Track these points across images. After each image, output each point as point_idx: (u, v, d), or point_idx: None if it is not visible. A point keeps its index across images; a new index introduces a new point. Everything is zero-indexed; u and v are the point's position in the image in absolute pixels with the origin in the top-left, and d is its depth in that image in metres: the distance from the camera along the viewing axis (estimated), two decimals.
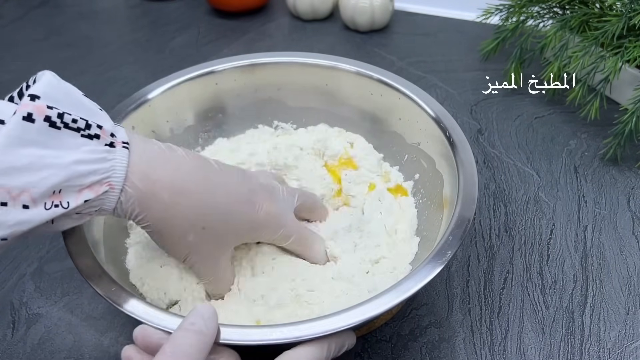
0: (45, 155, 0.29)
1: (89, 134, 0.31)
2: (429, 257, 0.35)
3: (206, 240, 0.37)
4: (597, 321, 0.43)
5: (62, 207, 0.30)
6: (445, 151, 0.43)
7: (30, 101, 0.29)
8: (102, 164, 0.31)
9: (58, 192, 0.30)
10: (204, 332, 0.29)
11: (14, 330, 0.44)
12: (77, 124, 0.30)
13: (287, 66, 0.52)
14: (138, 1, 0.92)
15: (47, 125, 0.29)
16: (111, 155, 0.32)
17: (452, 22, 0.84)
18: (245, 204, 0.38)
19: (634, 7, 0.57)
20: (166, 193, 0.34)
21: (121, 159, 0.32)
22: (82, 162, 0.30)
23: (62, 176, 0.30)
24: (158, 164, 0.34)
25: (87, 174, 0.31)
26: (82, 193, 0.31)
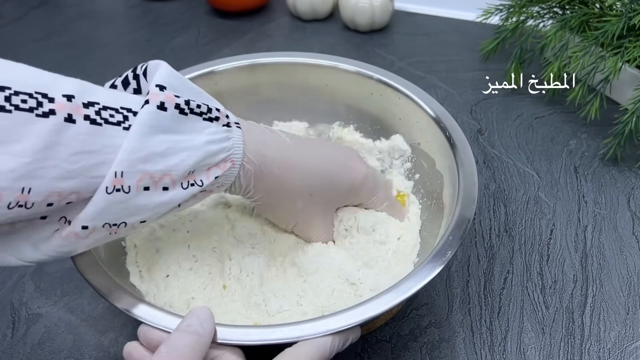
0: (179, 139, 0.31)
1: (209, 117, 0.33)
2: (429, 257, 0.35)
3: (313, 205, 0.41)
4: (597, 321, 0.43)
5: (198, 185, 0.33)
6: (445, 151, 0.43)
7: (160, 91, 0.31)
8: (226, 143, 0.34)
9: (192, 172, 0.32)
10: (200, 333, 0.30)
11: (14, 330, 0.44)
12: (200, 109, 0.33)
13: (287, 66, 0.52)
14: (138, 1, 0.92)
15: (177, 112, 0.31)
16: (231, 135, 0.34)
17: (452, 22, 0.84)
18: (343, 167, 0.42)
19: (634, 7, 0.57)
20: (276, 167, 0.37)
21: (238, 137, 0.35)
22: (211, 142, 0.33)
23: (198, 156, 0.32)
24: (266, 142, 0.37)
25: (217, 153, 0.33)
26: (211, 171, 0.33)
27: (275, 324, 0.32)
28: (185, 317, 0.31)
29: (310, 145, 0.42)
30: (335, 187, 0.42)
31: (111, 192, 0.29)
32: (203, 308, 0.31)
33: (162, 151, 0.31)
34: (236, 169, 0.35)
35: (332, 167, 0.41)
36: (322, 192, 0.41)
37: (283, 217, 0.43)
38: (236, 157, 0.35)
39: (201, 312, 0.31)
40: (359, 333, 0.34)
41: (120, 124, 0.30)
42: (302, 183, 0.39)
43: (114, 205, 0.30)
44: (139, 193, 0.30)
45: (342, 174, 0.42)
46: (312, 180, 0.40)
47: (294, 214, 0.41)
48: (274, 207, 0.41)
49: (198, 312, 0.31)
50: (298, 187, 0.39)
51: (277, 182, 0.38)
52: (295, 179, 0.39)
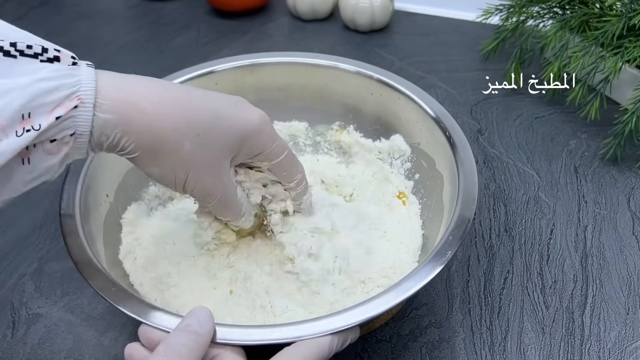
0: (3, 83, 0.27)
1: (48, 57, 0.29)
2: (429, 257, 0.35)
3: (203, 149, 0.34)
4: (597, 321, 0.43)
5: (34, 130, 0.28)
6: (445, 151, 0.43)
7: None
8: (67, 80, 0.29)
9: (28, 117, 0.28)
10: (199, 333, 0.30)
11: (14, 330, 0.44)
12: (33, 50, 0.29)
13: (287, 66, 0.52)
14: (138, 1, 0.92)
15: (1, 55, 0.28)
16: (76, 72, 0.30)
17: (452, 22, 0.84)
18: (235, 107, 0.36)
19: (634, 7, 0.57)
20: (147, 103, 0.32)
21: (88, 73, 0.30)
22: (45, 79, 0.29)
23: (25, 96, 0.28)
24: (130, 79, 0.32)
25: (52, 90, 0.29)
26: (53, 112, 0.29)
27: (275, 324, 0.32)
28: (184, 317, 0.31)
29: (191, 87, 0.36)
30: (226, 126, 0.35)
31: None
32: (202, 308, 0.31)
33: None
34: (88, 109, 0.30)
35: (220, 103, 0.35)
36: (211, 132, 0.34)
37: (169, 170, 0.34)
38: (84, 94, 0.30)
39: (200, 312, 0.31)
40: (358, 333, 0.34)
41: None
42: (185, 119, 0.33)
43: None
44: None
45: (233, 113, 0.36)
46: (197, 116, 0.34)
47: (181, 161, 0.34)
48: (156, 157, 0.33)
49: (197, 312, 0.31)
50: (180, 125, 0.33)
51: (152, 120, 0.32)
52: (175, 114, 0.33)
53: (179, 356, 0.29)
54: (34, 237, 0.52)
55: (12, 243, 0.51)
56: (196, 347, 0.29)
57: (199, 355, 0.29)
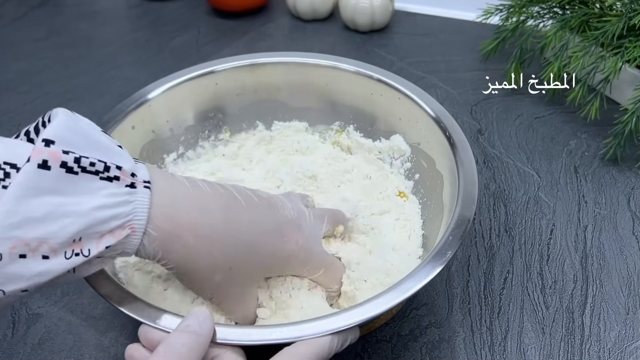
0: (63, 203, 0.28)
1: (107, 176, 0.29)
2: (429, 257, 0.35)
3: (233, 279, 0.36)
4: (597, 321, 0.43)
5: (83, 256, 0.29)
6: (445, 151, 0.43)
7: (45, 147, 0.27)
8: (124, 208, 0.30)
9: (78, 240, 0.29)
10: (199, 333, 0.30)
11: (14, 330, 0.44)
12: (95, 167, 0.29)
13: (287, 66, 0.52)
14: (138, 1, 0.92)
15: (63, 171, 0.28)
16: (132, 198, 0.30)
17: (452, 22, 0.84)
18: (272, 239, 0.36)
19: (634, 7, 0.57)
20: (191, 235, 0.33)
21: (142, 200, 0.31)
22: (103, 207, 0.29)
23: (82, 224, 0.28)
24: (181, 204, 0.32)
25: (109, 220, 0.29)
26: (103, 239, 0.30)
27: (275, 324, 0.32)
28: (184, 318, 0.31)
29: (239, 209, 0.35)
30: (260, 260, 0.36)
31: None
32: (202, 309, 0.31)
33: (41, 216, 0.27)
34: (137, 236, 0.31)
35: (260, 238, 0.35)
36: (244, 266, 0.35)
37: (198, 289, 0.36)
38: (137, 224, 0.30)
39: (200, 313, 0.31)
40: (358, 333, 0.34)
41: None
42: (222, 256, 0.34)
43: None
44: (13, 261, 0.27)
45: (270, 245, 0.36)
46: (234, 252, 0.34)
47: (209, 286, 0.35)
48: (190, 279, 0.35)
49: (197, 313, 0.31)
50: (216, 260, 0.34)
51: (191, 252, 0.33)
52: (214, 250, 0.34)
53: (179, 356, 0.29)
54: None
55: None
56: (196, 347, 0.29)
57: (199, 356, 0.29)
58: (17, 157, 0.27)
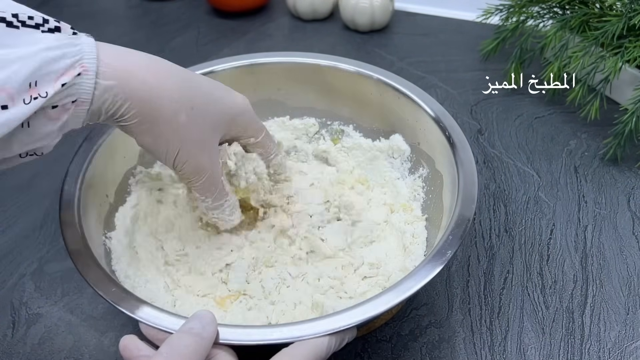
0: (9, 52, 0.28)
1: (49, 28, 0.30)
2: (429, 256, 0.35)
3: (197, 123, 0.36)
4: (597, 321, 0.43)
5: (42, 97, 0.29)
6: (444, 151, 0.43)
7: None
8: (71, 48, 0.30)
9: (35, 85, 0.29)
10: (202, 336, 0.30)
11: (14, 330, 0.44)
12: (34, 21, 0.30)
13: (287, 66, 0.52)
14: (138, 1, 0.92)
15: (4, 25, 0.28)
16: (78, 41, 0.31)
17: (452, 22, 0.84)
18: (224, 90, 0.39)
19: (634, 7, 0.57)
20: (148, 74, 0.33)
21: (89, 43, 0.31)
22: (50, 48, 0.29)
23: (32, 65, 0.29)
24: (131, 51, 0.34)
25: (57, 59, 0.30)
26: (59, 80, 0.30)
27: (276, 324, 0.32)
28: (187, 320, 0.31)
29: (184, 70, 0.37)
30: (218, 105, 0.38)
31: None
32: (206, 311, 0.32)
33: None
34: (90, 77, 0.31)
35: (212, 84, 0.38)
36: (205, 107, 0.37)
37: (163, 141, 0.36)
38: (87, 62, 0.31)
39: (204, 315, 0.31)
40: (355, 333, 0.34)
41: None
42: (183, 92, 0.35)
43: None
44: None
45: (223, 94, 0.39)
46: (193, 90, 0.36)
47: (176, 133, 0.35)
48: (152, 126, 0.35)
49: (200, 315, 0.31)
50: (178, 96, 0.35)
51: (152, 90, 0.33)
52: (173, 87, 0.34)
53: (181, 357, 0.29)
54: (34, 237, 0.52)
55: (12, 243, 0.51)
56: (198, 349, 0.29)
57: (201, 358, 0.30)
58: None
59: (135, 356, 0.30)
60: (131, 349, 0.31)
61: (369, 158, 0.52)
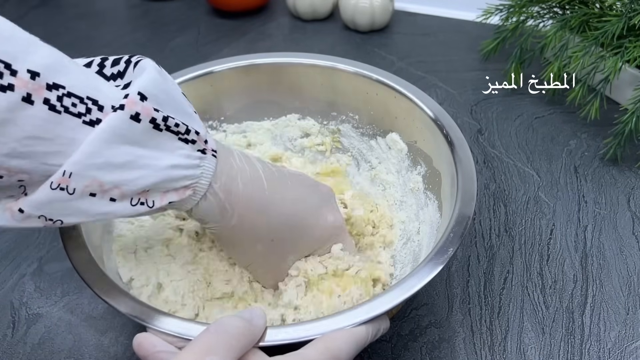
0: (143, 155, 0.29)
1: (186, 138, 0.31)
2: (429, 255, 0.34)
3: (273, 251, 0.38)
4: (597, 321, 0.43)
5: (147, 206, 0.31)
6: (442, 149, 0.43)
7: (140, 101, 0.29)
8: (194, 171, 0.32)
9: (147, 191, 0.31)
10: (252, 323, 0.30)
11: (14, 330, 0.44)
12: (178, 128, 0.31)
13: (286, 66, 0.52)
14: (138, 1, 0.92)
15: (151, 127, 0.29)
16: (202, 162, 0.32)
17: (452, 22, 0.84)
18: (313, 217, 0.39)
19: (634, 7, 0.57)
20: (242, 206, 0.35)
21: (209, 167, 0.33)
22: (177, 167, 0.31)
23: (156, 178, 0.30)
24: (238, 176, 0.35)
25: (179, 179, 0.31)
26: (168, 194, 0.32)
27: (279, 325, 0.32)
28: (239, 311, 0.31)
29: (286, 187, 0.37)
30: (301, 236, 0.39)
31: (55, 189, 0.28)
32: (258, 308, 0.31)
33: (121, 163, 0.29)
34: (196, 198, 0.33)
35: (302, 215, 0.38)
36: (285, 240, 0.38)
37: (237, 255, 0.40)
38: (199, 188, 0.33)
39: (257, 309, 0.31)
40: (388, 324, 0.34)
41: (80, 116, 0.28)
42: (267, 228, 0.37)
43: (54, 202, 0.29)
44: (83, 197, 0.29)
45: (311, 223, 0.39)
46: (278, 226, 0.37)
47: (250, 255, 0.38)
48: (233, 245, 0.38)
49: (254, 309, 0.31)
50: (261, 232, 0.37)
51: (239, 221, 0.35)
52: (260, 223, 0.36)
53: (229, 335, 0.28)
54: (34, 237, 0.52)
55: (12, 243, 0.51)
56: (246, 334, 0.29)
57: (247, 344, 0.29)
58: (100, 94, 0.28)
59: (151, 353, 0.30)
60: (146, 346, 0.30)
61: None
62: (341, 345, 0.30)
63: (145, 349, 0.30)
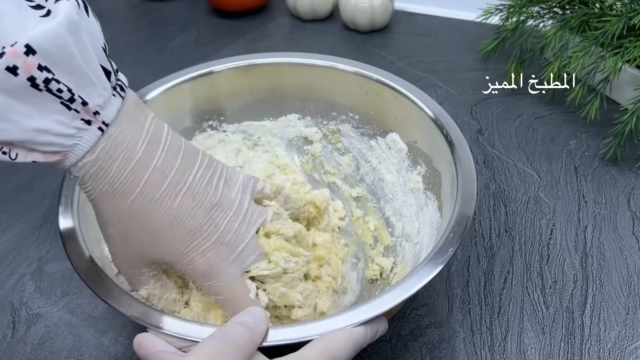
0: (13, 109, 0.28)
1: (68, 105, 0.29)
2: (429, 255, 0.34)
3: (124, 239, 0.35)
4: (597, 321, 0.43)
5: (10, 157, 0.30)
6: (442, 149, 0.43)
7: (24, 54, 0.26)
8: (65, 140, 0.30)
9: (9, 143, 0.29)
10: (254, 331, 0.30)
11: (14, 330, 0.44)
12: (61, 93, 0.28)
13: (285, 67, 0.52)
14: (138, 1, 0.92)
15: (28, 84, 0.27)
16: (80, 133, 0.30)
17: (452, 22, 0.84)
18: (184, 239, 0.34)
19: (634, 7, 0.57)
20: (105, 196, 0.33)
21: (88, 140, 0.31)
22: (46, 132, 0.29)
23: (19, 136, 0.28)
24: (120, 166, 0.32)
25: (45, 144, 0.29)
26: (32, 154, 0.30)
27: (279, 326, 0.32)
28: (240, 314, 0.31)
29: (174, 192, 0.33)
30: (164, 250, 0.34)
31: None
32: (259, 309, 0.31)
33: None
34: (65, 165, 0.31)
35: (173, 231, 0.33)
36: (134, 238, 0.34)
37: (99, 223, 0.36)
38: (70, 159, 0.31)
39: (257, 312, 0.31)
40: (387, 325, 0.34)
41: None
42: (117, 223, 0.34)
43: None
44: None
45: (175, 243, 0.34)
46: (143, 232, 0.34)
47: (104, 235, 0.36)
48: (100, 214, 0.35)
49: (254, 311, 0.31)
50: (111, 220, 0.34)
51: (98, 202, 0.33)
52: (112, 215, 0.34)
53: (235, 346, 0.28)
54: (34, 237, 0.52)
55: (12, 243, 0.51)
56: (249, 343, 0.29)
57: (251, 352, 0.29)
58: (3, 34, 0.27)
59: (151, 353, 0.30)
60: (146, 346, 0.30)
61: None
62: (340, 346, 0.30)
63: (146, 348, 0.30)
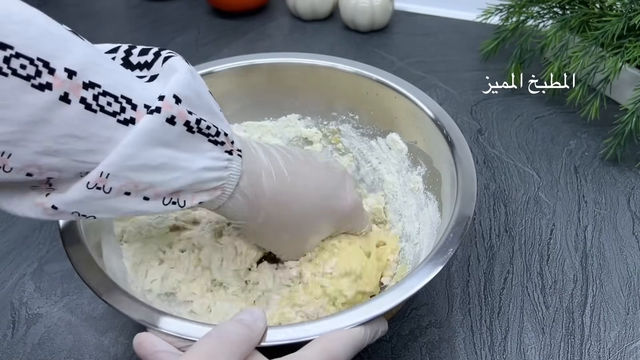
0: (177, 157, 0.30)
1: (215, 140, 0.32)
2: (429, 255, 0.34)
3: (299, 237, 0.40)
4: (597, 321, 0.43)
5: (179, 205, 0.32)
6: (442, 149, 0.43)
7: (175, 104, 0.29)
8: (223, 172, 0.33)
9: (178, 191, 0.31)
10: (252, 329, 0.30)
11: (14, 330, 0.44)
12: (208, 130, 0.31)
13: (286, 67, 0.52)
14: (138, 1, 0.92)
15: (185, 129, 0.30)
16: (230, 164, 0.33)
17: (452, 22, 0.84)
18: (334, 200, 0.40)
19: (634, 7, 0.57)
20: (269, 202, 0.36)
21: (236, 167, 0.34)
22: (208, 169, 0.32)
23: (189, 180, 0.31)
24: (262, 173, 0.36)
25: (209, 181, 0.32)
26: (198, 195, 0.32)
27: (279, 325, 0.32)
28: (238, 313, 0.31)
29: (304, 171, 0.39)
30: (325, 220, 0.41)
31: (91, 188, 0.28)
32: (257, 309, 0.31)
33: (156, 165, 0.29)
34: (224, 198, 0.34)
35: (324, 201, 0.40)
36: (310, 225, 0.40)
37: (263, 243, 0.42)
38: (228, 188, 0.34)
39: (255, 311, 0.31)
40: (387, 326, 0.34)
41: (115, 115, 0.28)
42: (293, 218, 0.38)
43: (90, 200, 0.29)
44: (118, 196, 0.29)
45: (332, 206, 0.40)
46: (303, 215, 0.39)
47: (276, 243, 0.41)
48: (258, 235, 0.40)
49: (252, 311, 0.31)
50: (288, 223, 0.38)
51: (266, 217, 0.37)
52: (287, 215, 0.38)
53: (231, 343, 0.28)
54: (34, 237, 0.52)
55: (12, 243, 0.51)
56: (247, 340, 0.29)
57: (248, 349, 0.29)
58: (133, 93, 0.29)
59: (151, 353, 0.30)
60: (146, 346, 0.30)
61: None
62: (339, 346, 0.30)
63: (145, 348, 0.30)
